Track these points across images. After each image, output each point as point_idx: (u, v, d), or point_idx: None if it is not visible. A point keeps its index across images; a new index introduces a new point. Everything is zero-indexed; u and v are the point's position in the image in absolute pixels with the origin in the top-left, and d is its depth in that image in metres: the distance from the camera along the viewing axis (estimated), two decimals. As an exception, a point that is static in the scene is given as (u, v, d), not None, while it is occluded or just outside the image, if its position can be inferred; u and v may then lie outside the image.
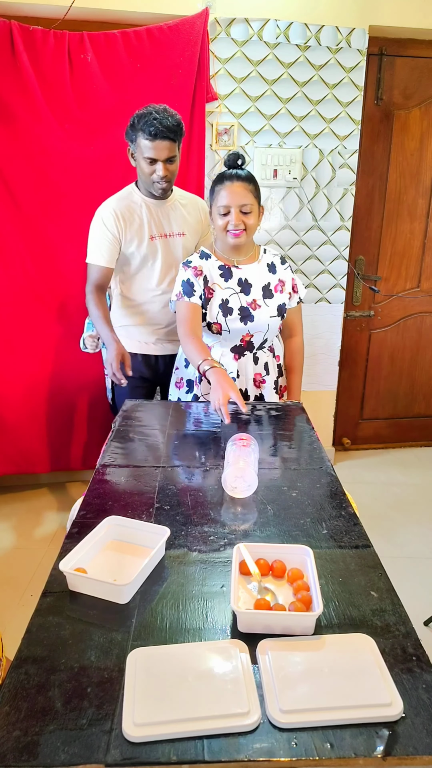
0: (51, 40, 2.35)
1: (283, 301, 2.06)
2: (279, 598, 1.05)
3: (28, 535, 2.65)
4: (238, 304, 2.01)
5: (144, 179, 2.12)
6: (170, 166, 2.06)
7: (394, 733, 0.79)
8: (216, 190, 1.92)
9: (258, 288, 2.03)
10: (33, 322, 2.71)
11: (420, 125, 2.96)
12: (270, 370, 2.12)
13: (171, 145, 2.01)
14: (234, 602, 0.97)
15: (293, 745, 0.77)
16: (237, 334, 2.03)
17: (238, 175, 1.90)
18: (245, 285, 2.02)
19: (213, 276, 2.01)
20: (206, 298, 2.01)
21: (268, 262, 2.07)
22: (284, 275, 2.08)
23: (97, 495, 1.41)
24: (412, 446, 3.61)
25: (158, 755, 0.76)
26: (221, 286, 2.00)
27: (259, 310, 2.02)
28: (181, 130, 2.04)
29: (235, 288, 2.01)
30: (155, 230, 2.19)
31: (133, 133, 2.05)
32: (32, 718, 0.80)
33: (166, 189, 2.12)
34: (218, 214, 1.92)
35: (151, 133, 1.97)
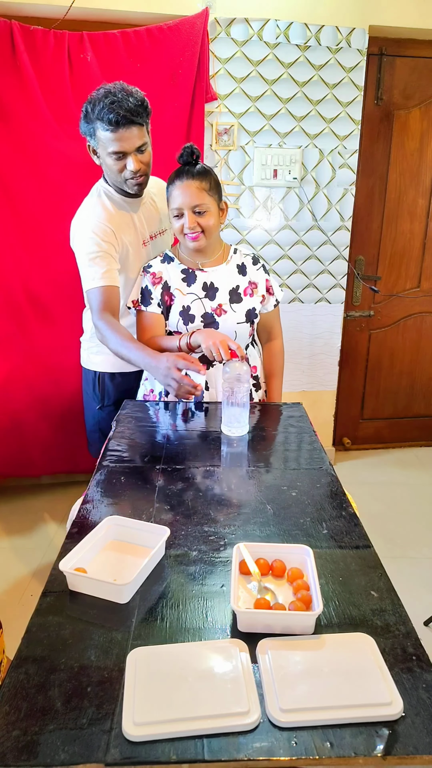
0: (51, 40, 2.35)
1: (253, 306, 1.90)
2: (279, 597, 1.05)
3: (28, 535, 2.65)
4: (202, 310, 1.85)
5: (114, 178, 1.79)
6: (142, 157, 1.74)
7: (394, 733, 0.79)
8: (169, 191, 1.75)
9: (224, 292, 1.87)
10: (31, 323, 2.71)
11: (420, 125, 2.96)
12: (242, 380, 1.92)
13: (139, 130, 1.68)
14: (234, 602, 0.97)
15: (293, 744, 0.77)
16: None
17: (189, 173, 1.71)
18: (210, 289, 1.86)
19: (174, 281, 1.86)
20: (166, 306, 1.86)
21: (237, 263, 1.90)
22: (256, 277, 1.91)
23: (97, 495, 1.41)
24: (412, 446, 3.61)
25: (158, 754, 0.76)
26: (183, 291, 1.85)
27: (224, 316, 1.86)
28: (147, 108, 1.70)
29: (198, 293, 1.85)
30: (144, 234, 1.94)
31: (88, 124, 1.71)
32: (32, 717, 0.80)
33: (143, 183, 1.80)
34: (173, 216, 1.77)
35: (112, 121, 1.63)
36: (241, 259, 1.92)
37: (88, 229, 1.79)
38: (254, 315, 1.92)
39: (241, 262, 1.92)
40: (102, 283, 1.77)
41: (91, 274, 1.79)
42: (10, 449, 2.84)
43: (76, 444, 2.96)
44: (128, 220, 1.88)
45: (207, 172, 1.75)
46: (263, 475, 1.53)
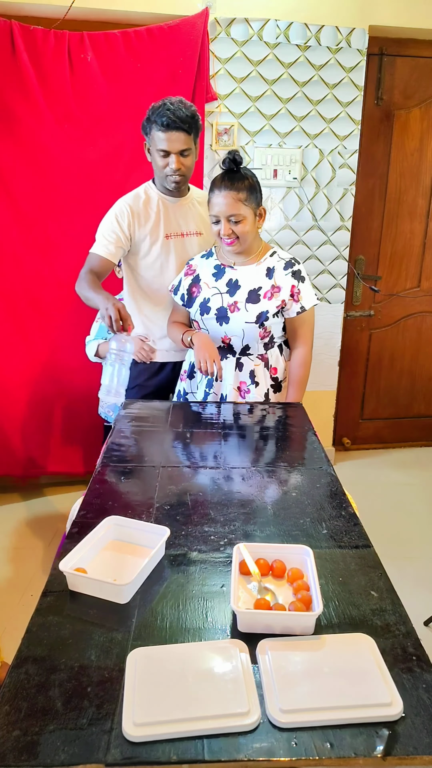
0: (51, 40, 2.35)
1: (266, 309, 1.92)
2: (279, 597, 1.05)
3: (28, 535, 2.65)
4: (218, 304, 1.95)
5: (158, 173, 2.06)
6: (184, 160, 1.98)
7: (394, 733, 0.79)
8: (209, 197, 1.88)
9: (245, 291, 1.93)
10: (31, 324, 2.71)
11: (420, 125, 2.96)
12: (258, 381, 2.00)
13: (185, 137, 1.94)
14: (234, 602, 0.97)
15: (293, 745, 0.77)
16: (215, 335, 1.97)
17: (227, 184, 1.81)
18: (233, 286, 1.95)
19: (204, 275, 2.00)
20: (192, 297, 2.00)
21: (268, 266, 1.95)
22: (282, 281, 1.93)
23: (97, 495, 1.41)
24: (412, 446, 3.61)
25: (158, 755, 0.76)
26: (209, 285, 1.98)
27: (236, 313, 1.93)
28: (197, 123, 1.97)
29: (221, 288, 1.96)
30: (170, 229, 2.13)
31: (147, 125, 1.99)
32: (32, 717, 0.80)
33: (180, 183, 2.04)
34: (212, 221, 1.89)
35: (164, 123, 1.90)
36: (274, 262, 1.96)
37: (113, 208, 2.12)
38: (265, 318, 1.93)
39: (273, 265, 1.95)
40: (101, 253, 2.06)
41: (100, 243, 2.09)
42: (10, 449, 2.84)
43: (76, 444, 2.96)
44: (156, 210, 2.11)
45: (245, 180, 1.83)
46: (263, 475, 1.53)
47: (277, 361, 2.04)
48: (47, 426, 2.87)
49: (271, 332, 1.97)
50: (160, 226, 2.11)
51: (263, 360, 2.00)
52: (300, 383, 2.04)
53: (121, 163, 2.56)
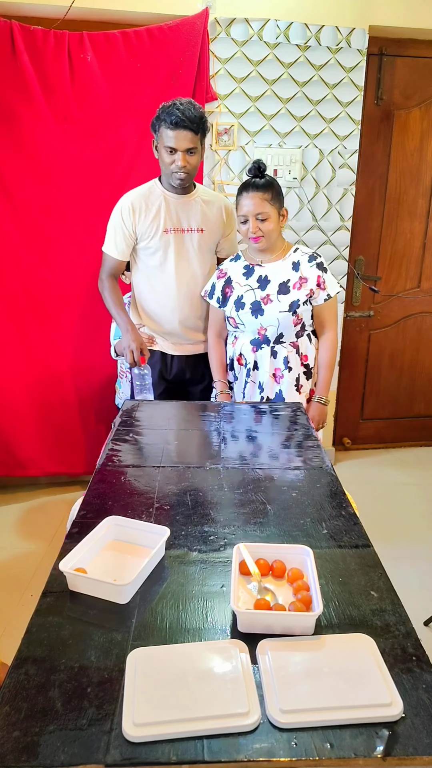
0: (51, 40, 2.35)
1: (297, 298, 2.10)
2: (279, 598, 1.05)
3: (28, 535, 2.65)
4: (252, 299, 2.13)
5: (164, 170, 2.13)
6: (190, 158, 2.06)
7: (394, 734, 0.79)
8: (237, 200, 2.08)
9: (275, 284, 2.11)
10: (32, 324, 2.71)
11: (420, 125, 2.96)
12: (291, 367, 2.16)
13: (192, 136, 2.01)
14: (234, 602, 0.97)
15: (293, 745, 0.77)
16: (251, 327, 2.15)
17: (255, 185, 2.02)
18: (263, 281, 2.13)
19: (235, 276, 2.18)
20: (226, 297, 2.19)
21: (293, 261, 2.13)
22: (308, 272, 2.11)
23: (97, 495, 1.41)
24: (412, 446, 3.61)
25: (158, 755, 0.76)
26: (241, 284, 2.16)
27: (270, 305, 2.10)
28: (205, 124, 2.05)
29: (252, 285, 2.14)
30: (170, 224, 2.19)
31: (157, 123, 2.06)
32: (32, 718, 0.80)
33: (185, 180, 2.11)
34: (239, 222, 2.08)
35: (173, 122, 1.98)
36: (299, 257, 2.14)
37: (119, 205, 2.21)
38: (297, 305, 2.11)
39: (297, 259, 2.14)
40: (114, 255, 2.23)
41: (108, 240, 2.24)
42: (10, 449, 2.84)
43: (76, 444, 2.96)
44: (158, 205, 2.18)
45: (270, 184, 2.04)
46: (263, 475, 1.53)
47: (306, 348, 2.20)
48: (47, 426, 2.87)
49: (302, 320, 2.15)
50: (160, 221, 2.18)
51: (294, 347, 2.17)
52: (329, 365, 2.22)
53: (121, 163, 2.56)
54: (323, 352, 2.22)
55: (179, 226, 2.20)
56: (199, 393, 2.43)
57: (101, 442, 2.81)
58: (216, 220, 2.27)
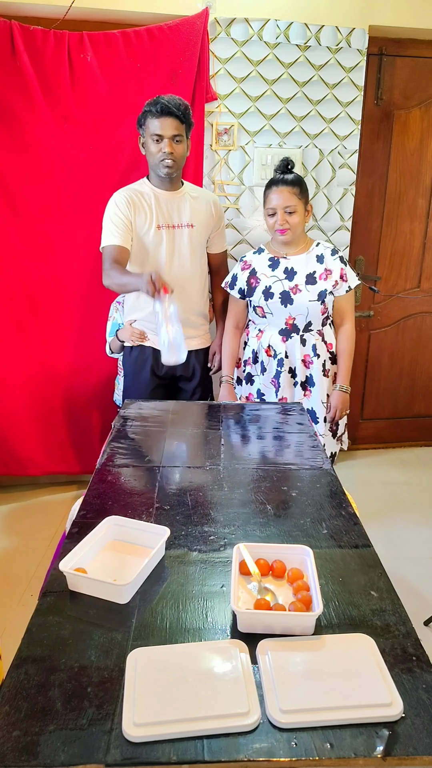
0: (51, 40, 2.35)
1: (324, 288, 2.21)
2: (279, 598, 1.05)
3: (28, 535, 2.65)
4: (281, 289, 2.22)
5: (151, 162, 2.16)
6: (176, 146, 2.10)
7: (394, 733, 0.79)
8: (266, 194, 2.18)
9: (302, 275, 2.22)
10: (31, 324, 2.71)
11: (420, 125, 2.96)
12: (319, 354, 2.27)
13: (177, 123, 2.07)
14: (234, 602, 0.97)
15: (293, 745, 0.77)
16: (280, 316, 2.24)
17: (284, 180, 2.13)
18: (290, 273, 2.23)
19: (260, 267, 2.27)
20: (251, 287, 2.27)
21: (317, 254, 2.24)
22: (332, 265, 2.23)
23: (97, 495, 1.41)
24: (412, 446, 3.61)
25: (158, 755, 0.76)
26: (267, 275, 2.25)
27: (299, 294, 2.20)
28: (188, 114, 2.10)
29: (279, 276, 2.23)
30: (162, 220, 2.21)
31: (142, 118, 2.11)
32: (32, 718, 0.80)
33: (172, 169, 2.14)
34: (267, 215, 2.18)
35: (158, 110, 2.04)
36: (322, 250, 2.26)
37: (112, 199, 2.22)
38: (324, 295, 2.22)
39: (321, 253, 2.25)
40: (115, 242, 2.15)
41: (107, 233, 2.18)
42: (10, 449, 2.84)
43: (77, 444, 2.96)
44: (149, 202, 2.21)
45: (299, 180, 2.15)
46: (263, 475, 1.53)
47: (330, 336, 2.33)
48: (47, 426, 2.87)
49: (327, 309, 2.27)
50: (153, 217, 2.20)
51: (320, 335, 2.29)
52: (350, 354, 2.33)
53: (121, 163, 2.56)
54: (343, 342, 2.32)
55: (170, 222, 2.23)
56: (191, 390, 2.44)
57: (101, 441, 2.81)
58: (205, 215, 2.30)
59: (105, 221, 2.20)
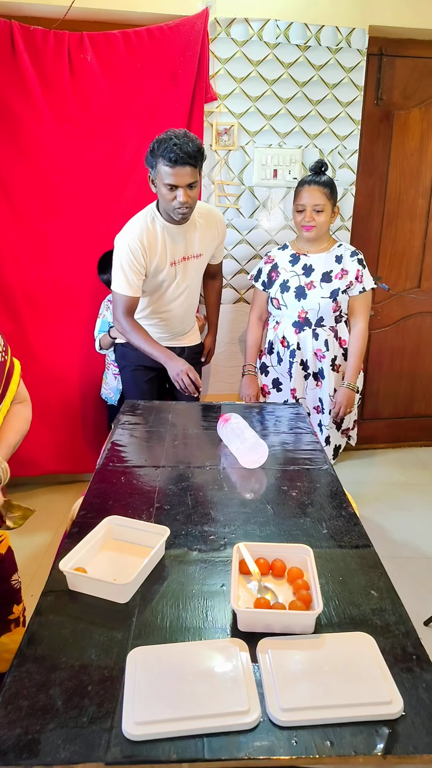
0: (51, 40, 2.35)
1: (338, 287, 2.31)
2: (279, 597, 1.05)
3: (28, 535, 2.65)
4: (297, 283, 2.34)
5: (164, 205, 2.08)
6: (191, 192, 2.02)
7: (394, 732, 0.79)
8: (297, 191, 2.29)
9: (319, 273, 2.32)
10: (31, 324, 2.71)
11: (420, 125, 2.96)
12: (330, 348, 2.37)
13: (192, 170, 1.98)
14: (234, 601, 0.98)
15: (293, 744, 0.77)
16: (293, 309, 2.35)
17: (316, 180, 2.24)
18: (308, 269, 2.34)
19: (282, 262, 2.40)
20: (271, 280, 2.41)
21: (337, 254, 2.34)
22: (349, 266, 2.32)
23: (97, 495, 1.41)
24: (412, 446, 3.61)
25: (158, 753, 0.76)
26: (287, 270, 2.37)
27: (313, 290, 2.31)
28: (202, 155, 2.01)
29: (298, 271, 2.35)
30: (175, 257, 2.20)
31: (153, 159, 2.01)
32: (33, 716, 0.81)
33: (187, 215, 2.09)
34: (296, 211, 2.29)
35: (172, 159, 1.93)
36: (342, 251, 2.35)
37: (125, 241, 2.13)
38: (337, 293, 2.31)
39: (341, 253, 2.34)
40: (129, 293, 2.17)
41: (120, 280, 2.16)
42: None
43: (76, 443, 2.96)
44: (161, 241, 2.16)
45: (330, 182, 2.26)
46: (263, 475, 1.53)
47: (344, 333, 2.42)
48: (47, 425, 2.87)
49: (340, 307, 2.36)
50: (167, 256, 2.18)
51: (333, 331, 2.38)
52: (360, 353, 2.41)
53: (121, 163, 2.56)
54: (354, 341, 2.40)
55: (182, 255, 2.22)
56: None
57: (100, 440, 2.81)
58: (210, 240, 2.30)
59: (117, 265, 2.14)
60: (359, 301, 2.36)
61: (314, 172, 2.28)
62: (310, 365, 2.39)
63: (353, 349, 2.40)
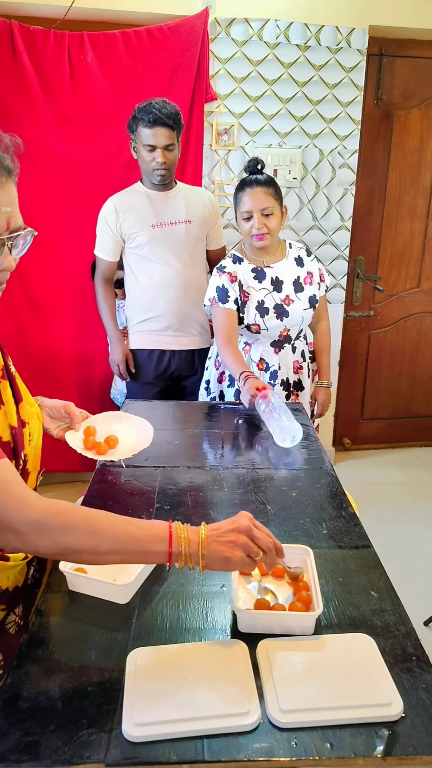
0: (51, 40, 2.35)
1: (313, 293, 2.16)
2: (279, 598, 1.05)
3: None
4: (273, 302, 2.09)
5: (144, 168, 2.23)
6: (169, 154, 2.16)
7: (393, 733, 0.79)
8: (238, 197, 2.01)
9: (289, 284, 2.11)
10: (30, 322, 2.71)
11: (420, 125, 2.96)
12: (305, 357, 2.28)
13: (169, 132, 2.11)
14: (234, 602, 0.97)
15: (293, 745, 0.77)
16: (275, 331, 2.12)
17: (257, 181, 1.98)
18: (277, 283, 2.10)
19: (247, 279, 2.09)
20: (242, 302, 2.09)
21: (295, 257, 2.16)
22: (311, 267, 2.18)
23: (97, 495, 1.41)
24: (412, 446, 3.61)
25: (158, 755, 0.76)
26: (256, 288, 2.08)
27: (292, 305, 2.11)
28: (179, 120, 2.14)
29: (268, 288, 2.09)
30: (156, 219, 2.27)
31: (134, 123, 2.15)
32: (33, 717, 0.81)
33: (165, 176, 2.21)
34: (242, 219, 2.02)
35: (150, 120, 2.08)
36: (297, 252, 2.18)
37: (103, 208, 2.32)
38: (315, 300, 2.17)
39: (298, 255, 2.17)
40: (103, 256, 2.35)
41: (99, 243, 2.36)
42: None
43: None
44: (141, 203, 2.28)
45: (272, 180, 2.01)
46: (263, 475, 1.53)
47: (310, 335, 2.32)
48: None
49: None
50: (145, 217, 2.27)
51: (305, 338, 2.27)
52: (328, 349, 2.37)
53: (121, 162, 2.56)
54: (325, 339, 2.34)
55: (166, 219, 2.28)
56: (191, 385, 2.49)
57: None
58: (201, 211, 2.34)
59: (97, 229, 2.34)
60: (323, 299, 2.30)
61: (251, 172, 2.02)
62: (290, 381, 2.22)
63: (323, 347, 2.35)
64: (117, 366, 2.42)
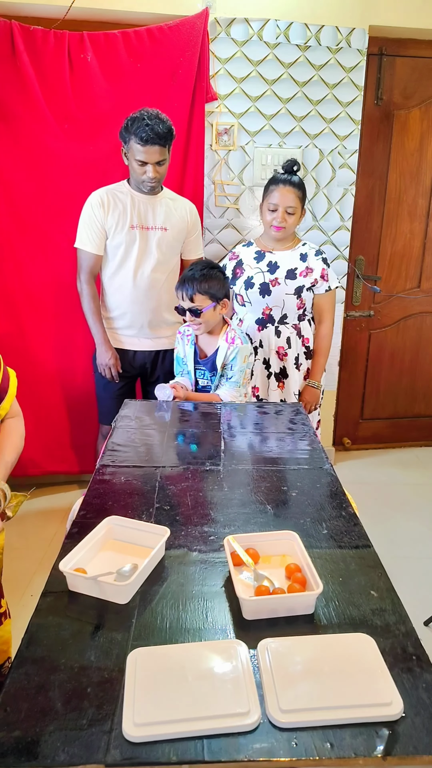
0: (51, 40, 2.35)
1: (302, 284, 2.32)
2: (276, 582, 1.07)
3: (28, 535, 2.65)
4: (261, 280, 2.33)
5: (135, 177, 2.27)
6: (160, 168, 2.21)
7: (394, 733, 0.79)
8: (270, 189, 2.27)
9: (284, 270, 2.32)
10: (30, 323, 2.71)
11: (420, 125, 2.96)
12: (292, 346, 2.39)
13: (161, 149, 2.16)
14: (239, 591, 1.00)
15: (293, 745, 0.77)
16: (257, 306, 2.35)
17: (291, 181, 2.23)
18: (273, 266, 2.33)
19: (246, 259, 2.39)
20: (236, 276, 2.39)
21: (301, 252, 2.35)
22: (314, 264, 2.33)
23: (97, 495, 1.41)
24: (412, 446, 3.61)
25: (158, 755, 0.76)
26: (252, 266, 2.36)
27: (277, 287, 2.32)
28: (172, 134, 2.18)
29: (263, 268, 2.34)
30: (136, 220, 2.31)
31: (126, 135, 2.18)
32: (32, 718, 0.80)
33: (155, 187, 2.28)
34: (267, 209, 2.27)
35: (143, 138, 2.11)
36: (306, 250, 2.36)
37: (88, 200, 2.33)
38: (301, 290, 2.33)
39: (305, 252, 2.36)
40: (87, 248, 2.33)
41: (83, 235, 2.33)
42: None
43: (76, 444, 2.96)
44: (125, 202, 2.30)
45: (302, 184, 2.28)
46: (263, 475, 1.53)
47: (308, 332, 2.43)
48: (46, 425, 2.87)
49: (305, 304, 2.37)
50: (127, 216, 2.30)
51: (296, 329, 2.39)
52: (324, 352, 2.46)
53: (120, 162, 2.55)
54: (319, 340, 2.44)
55: (144, 223, 2.32)
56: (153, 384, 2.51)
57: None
58: (180, 221, 2.38)
59: (81, 221, 2.33)
60: (324, 299, 2.39)
61: (287, 172, 2.26)
62: (273, 364, 2.39)
63: (318, 348, 2.44)
64: (107, 369, 2.44)
